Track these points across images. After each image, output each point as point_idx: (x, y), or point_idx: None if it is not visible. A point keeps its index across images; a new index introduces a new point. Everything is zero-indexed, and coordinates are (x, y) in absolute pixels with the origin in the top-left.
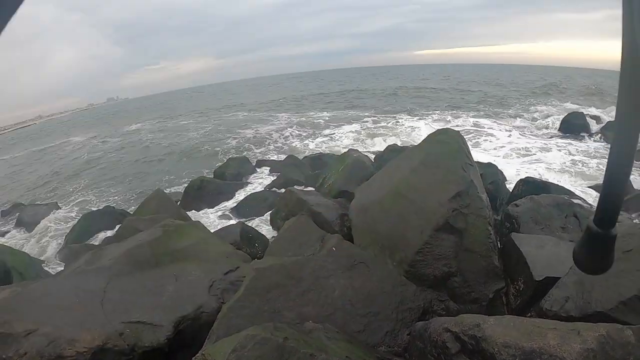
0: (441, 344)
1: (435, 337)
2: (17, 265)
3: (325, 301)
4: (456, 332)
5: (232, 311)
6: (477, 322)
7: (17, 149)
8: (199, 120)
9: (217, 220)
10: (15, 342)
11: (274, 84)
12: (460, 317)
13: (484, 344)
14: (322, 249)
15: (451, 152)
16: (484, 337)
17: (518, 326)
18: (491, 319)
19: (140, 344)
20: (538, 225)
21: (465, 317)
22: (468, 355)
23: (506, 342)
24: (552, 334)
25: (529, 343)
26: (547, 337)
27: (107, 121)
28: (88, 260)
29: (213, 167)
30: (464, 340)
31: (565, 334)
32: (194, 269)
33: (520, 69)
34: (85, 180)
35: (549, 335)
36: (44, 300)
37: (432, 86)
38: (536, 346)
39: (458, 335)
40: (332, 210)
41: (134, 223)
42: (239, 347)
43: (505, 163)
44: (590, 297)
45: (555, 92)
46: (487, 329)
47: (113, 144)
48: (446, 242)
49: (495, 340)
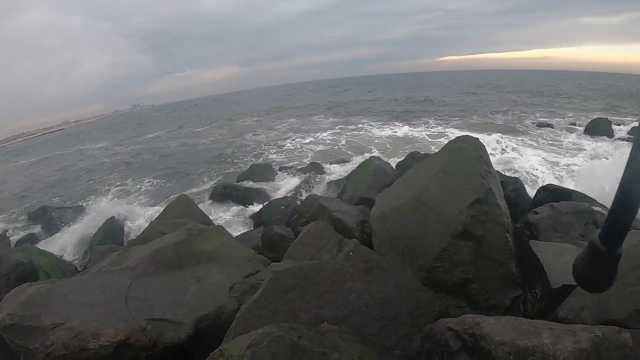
0: (444, 343)
1: (439, 336)
2: (45, 265)
3: (342, 304)
4: (457, 331)
5: (249, 311)
6: (477, 321)
7: (42, 152)
8: (220, 126)
9: (239, 225)
10: (42, 334)
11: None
12: (462, 317)
13: (482, 341)
14: (339, 253)
15: (470, 159)
16: (482, 335)
17: (516, 326)
18: (491, 318)
19: (161, 339)
20: (557, 233)
21: (466, 317)
22: (468, 352)
23: (502, 340)
24: (547, 333)
25: (523, 341)
26: (542, 337)
27: (131, 127)
28: (113, 261)
29: (237, 173)
30: (464, 338)
31: (560, 334)
32: (216, 271)
33: (551, 75)
34: (109, 185)
35: (544, 335)
36: (70, 297)
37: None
38: (530, 344)
39: (459, 334)
40: (352, 216)
41: (158, 227)
42: (254, 343)
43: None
44: (605, 306)
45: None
46: (486, 327)
47: (134, 149)
48: (464, 249)
49: (493, 338)
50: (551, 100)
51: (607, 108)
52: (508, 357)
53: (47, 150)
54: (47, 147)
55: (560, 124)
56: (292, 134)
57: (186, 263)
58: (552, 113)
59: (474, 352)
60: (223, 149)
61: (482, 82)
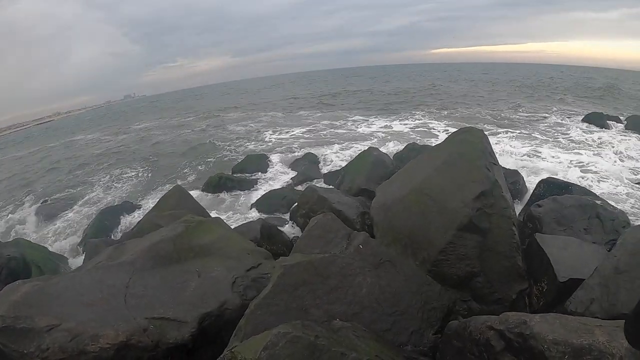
0: (484, 342)
1: (477, 335)
2: (36, 259)
3: (353, 299)
4: (501, 330)
5: (259, 308)
6: (524, 319)
7: (31, 145)
8: (212, 117)
9: (236, 216)
10: (37, 337)
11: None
12: (504, 315)
13: (532, 341)
14: (348, 246)
15: (475, 151)
16: (532, 335)
17: (564, 323)
18: (536, 316)
19: (164, 340)
20: (561, 226)
21: (509, 315)
22: (513, 353)
23: (555, 339)
24: (599, 330)
25: (578, 340)
26: (595, 334)
27: (120, 118)
28: (110, 255)
29: (231, 164)
30: (509, 337)
31: (612, 331)
32: (216, 265)
33: (542, 68)
34: (102, 176)
35: (597, 332)
36: (66, 295)
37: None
38: (585, 343)
39: (503, 333)
40: (352, 208)
41: (154, 219)
42: (270, 345)
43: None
44: (615, 299)
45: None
46: (535, 326)
47: (124, 140)
48: (470, 241)
49: (545, 337)
50: (544, 93)
51: (598, 102)
52: (563, 356)
53: (37, 142)
54: (37, 139)
55: (557, 118)
56: (279, 126)
57: (185, 257)
58: (545, 106)
59: (522, 352)
60: (212, 140)
61: (476, 74)
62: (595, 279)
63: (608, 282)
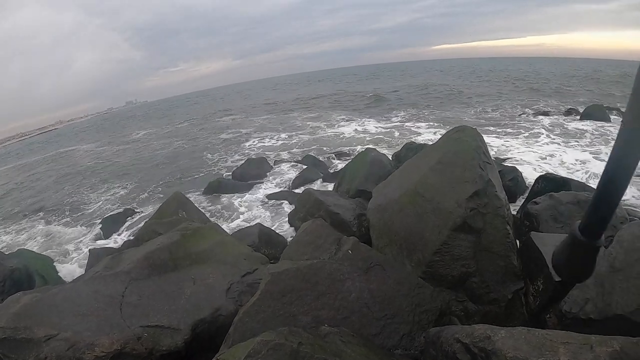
0: (452, 355)
1: (446, 347)
2: (40, 269)
3: (341, 304)
4: (467, 344)
5: (247, 315)
6: (488, 334)
7: (33, 156)
8: (212, 121)
9: (235, 221)
10: (36, 347)
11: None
12: (471, 328)
13: (493, 357)
14: (338, 251)
15: (468, 150)
16: (493, 350)
17: (530, 339)
18: (503, 330)
19: (158, 347)
20: (558, 223)
21: (476, 328)
22: None
23: (516, 356)
24: (563, 348)
25: (539, 358)
26: (558, 352)
27: (118, 125)
28: (107, 265)
29: (231, 168)
30: (474, 352)
31: (578, 349)
32: (212, 271)
33: (545, 62)
34: (103, 185)
35: (561, 350)
36: (63, 306)
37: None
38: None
39: (468, 347)
40: (349, 210)
41: (153, 226)
42: (253, 353)
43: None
44: (610, 299)
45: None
46: (498, 341)
47: (123, 149)
48: (464, 242)
49: (505, 354)
50: (546, 87)
51: (598, 95)
52: None
53: (41, 152)
54: (40, 149)
55: (558, 112)
56: (278, 129)
57: (181, 264)
58: (546, 101)
59: None
60: (211, 145)
61: (476, 69)
62: (590, 278)
63: (603, 281)
